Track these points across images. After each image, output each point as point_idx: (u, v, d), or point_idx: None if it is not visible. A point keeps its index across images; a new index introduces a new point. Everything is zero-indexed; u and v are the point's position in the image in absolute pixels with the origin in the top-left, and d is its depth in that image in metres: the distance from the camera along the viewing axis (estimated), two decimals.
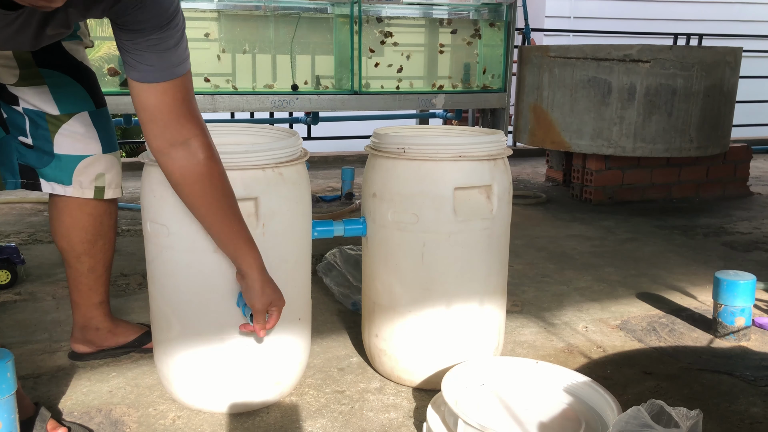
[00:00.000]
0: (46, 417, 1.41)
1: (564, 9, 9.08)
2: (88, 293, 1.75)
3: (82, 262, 1.71)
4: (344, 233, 1.72)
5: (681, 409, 1.24)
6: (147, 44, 1.22)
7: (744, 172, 4.31)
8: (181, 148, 1.30)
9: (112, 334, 1.81)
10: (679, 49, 3.83)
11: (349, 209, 3.61)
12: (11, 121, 1.60)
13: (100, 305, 1.78)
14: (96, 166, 1.65)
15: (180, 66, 1.26)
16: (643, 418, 1.20)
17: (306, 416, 1.58)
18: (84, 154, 1.63)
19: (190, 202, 1.36)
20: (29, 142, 1.61)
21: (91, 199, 1.66)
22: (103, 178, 1.66)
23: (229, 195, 1.36)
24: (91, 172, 1.64)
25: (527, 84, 4.01)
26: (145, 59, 1.23)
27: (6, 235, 3.04)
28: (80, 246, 1.69)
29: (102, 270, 1.74)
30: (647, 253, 2.96)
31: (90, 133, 1.63)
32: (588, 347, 1.98)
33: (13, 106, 1.58)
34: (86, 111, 1.63)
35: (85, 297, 1.75)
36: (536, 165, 5.33)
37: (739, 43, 4.53)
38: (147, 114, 1.28)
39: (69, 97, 1.60)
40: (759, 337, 2.05)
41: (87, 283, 1.74)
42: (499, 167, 1.64)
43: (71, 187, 1.63)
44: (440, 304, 1.64)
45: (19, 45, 1.28)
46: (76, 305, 1.77)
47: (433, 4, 3.93)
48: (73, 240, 1.68)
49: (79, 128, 1.62)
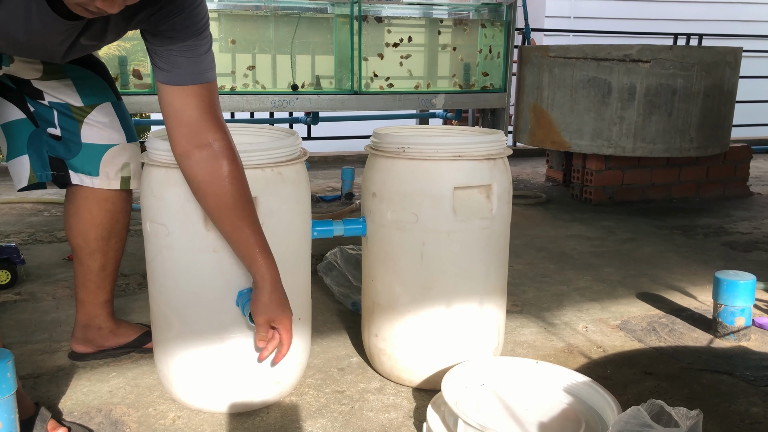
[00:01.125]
0: (47, 417, 1.41)
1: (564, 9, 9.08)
2: (95, 291, 1.76)
3: (94, 260, 1.72)
4: (344, 233, 1.72)
5: (681, 409, 1.24)
6: (179, 50, 1.27)
7: (744, 172, 4.31)
8: (204, 151, 1.33)
9: (114, 335, 1.82)
10: (679, 49, 3.83)
11: (349, 209, 3.61)
12: (39, 114, 1.63)
13: (105, 304, 1.79)
14: (122, 155, 1.68)
15: (209, 72, 1.31)
16: (643, 417, 1.20)
17: (306, 416, 1.57)
18: (110, 143, 1.66)
19: (209, 206, 1.36)
20: (58, 134, 1.64)
21: (111, 195, 1.68)
22: (128, 168, 1.69)
23: (247, 202, 1.36)
24: (117, 162, 1.67)
25: (527, 84, 4.01)
26: (177, 63, 1.28)
27: (6, 235, 3.04)
28: (95, 243, 1.71)
29: (112, 268, 1.76)
30: (647, 253, 2.96)
31: (114, 123, 1.67)
32: (588, 347, 1.98)
33: (39, 101, 1.61)
34: (109, 102, 1.66)
35: (91, 295, 1.76)
36: (536, 165, 5.33)
37: (739, 43, 4.53)
38: (173, 117, 1.32)
39: (91, 89, 1.63)
40: (759, 337, 2.05)
41: (95, 281, 1.75)
42: (498, 167, 1.64)
43: (98, 178, 1.66)
44: (440, 303, 1.64)
45: (50, 56, 1.33)
46: (81, 303, 1.78)
47: (433, 4, 3.93)
48: (89, 236, 1.70)
49: (103, 118, 1.65)
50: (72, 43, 1.29)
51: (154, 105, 3.25)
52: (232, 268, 1.45)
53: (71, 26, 1.21)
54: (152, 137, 1.50)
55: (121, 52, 3.40)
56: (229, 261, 1.45)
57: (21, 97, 1.61)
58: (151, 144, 1.48)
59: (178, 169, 1.42)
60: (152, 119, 5.60)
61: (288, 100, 3.45)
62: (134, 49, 3.44)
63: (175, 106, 1.32)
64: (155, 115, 5.13)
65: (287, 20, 3.50)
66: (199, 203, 1.38)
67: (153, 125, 5.73)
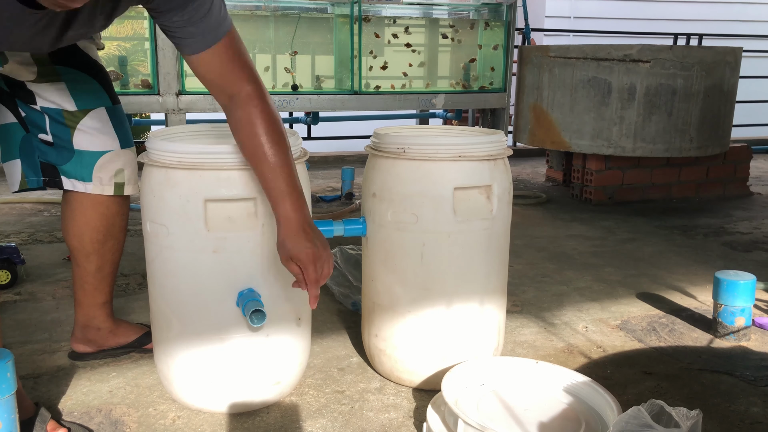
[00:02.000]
0: (47, 418, 1.41)
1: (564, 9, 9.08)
2: (92, 292, 1.76)
3: (90, 261, 1.72)
4: (344, 233, 1.72)
5: (681, 409, 1.24)
6: (182, 19, 1.28)
7: (744, 172, 4.31)
8: (233, 101, 1.37)
9: (113, 335, 1.82)
10: (679, 49, 3.83)
11: (349, 209, 3.61)
12: (30, 119, 1.62)
13: (104, 305, 1.79)
14: (115, 162, 1.66)
15: (219, 28, 1.31)
16: (644, 418, 1.20)
17: (306, 416, 1.58)
18: (103, 150, 1.64)
19: (243, 152, 1.39)
20: (49, 140, 1.62)
21: (105, 199, 1.67)
22: (123, 174, 1.68)
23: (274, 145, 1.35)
24: (110, 168, 1.65)
25: (527, 84, 4.01)
26: (187, 33, 1.30)
27: (6, 235, 3.04)
28: (90, 245, 1.70)
29: (109, 270, 1.75)
30: (647, 253, 2.96)
31: (107, 129, 1.65)
32: (588, 347, 1.98)
33: (31, 105, 1.60)
34: (103, 107, 1.65)
35: (89, 296, 1.76)
36: (536, 165, 5.32)
37: (739, 43, 4.53)
38: (205, 80, 1.37)
39: (86, 93, 1.62)
40: (759, 337, 2.05)
41: (93, 283, 1.74)
42: (499, 167, 1.64)
43: (91, 183, 1.65)
44: (440, 304, 1.64)
45: (39, 47, 1.31)
46: (79, 304, 1.77)
47: (433, 4, 3.93)
48: (84, 239, 1.69)
49: (96, 124, 1.63)
50: (57, 36, 1.28)
51: (154, 105, 3.25)
52: (232, 268, 1.46)
53: (43, 15, 1.19)
54: (152, 137, 1.50)
55: (122, 52, 3.40)
56: (229, 261, 1.45)
57: (13, 100, 1.59)
58: (151, 144, 1.48)
59: (178, 169, 1.42)
60: (152, 119, 5.60)
61: (288, 100, 3.46)
62: (134, 49, 3.44)
63: (201, 70, 1.35)
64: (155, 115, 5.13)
65: (287, 20, 3.50)
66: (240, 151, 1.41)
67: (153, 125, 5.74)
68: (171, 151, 1.43)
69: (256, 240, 1.47)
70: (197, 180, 1.42)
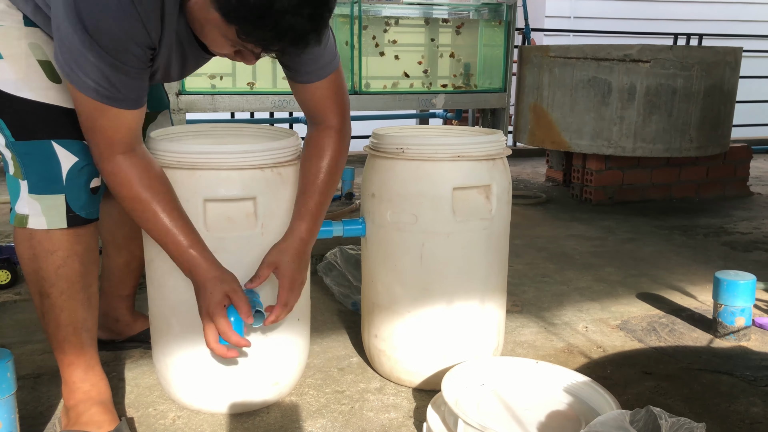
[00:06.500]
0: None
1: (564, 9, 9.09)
2: (117, 284, 1.82)
3: (121, 255, 1.78)
4: (343, 233, 1.72)
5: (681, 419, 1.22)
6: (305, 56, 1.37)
7: (744, 172, 4.31)
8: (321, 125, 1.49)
9: (129, 328, 1.87)
10: (679, 49, 3.83)
11: (348, 209, 3.61)
12: None
13: (126, 298, 1.85)
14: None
15: (330, 64, 1.42)
16: (623, 422, 1.19)
17: (306, 416, 1.58)
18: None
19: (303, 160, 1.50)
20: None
21: None
22: None
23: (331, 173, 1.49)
24: None
25: (527, 84, 4.01)
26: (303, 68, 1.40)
27: (6, 235, 3.04)
28: (123, 240, 1.76)
29: (136, 265, 1.81)
30: (647, 253, 2.96)
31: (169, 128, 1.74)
32: (588, 347, 1.98)
33: None
34: (167, 109, 1.75)
35: (114, 287, 1.82)
36: (536, 165, 5.32)
37: (739, 43, 4.53)
38: (301, 102, 1.48)
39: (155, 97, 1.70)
40: (759, 337, 2.05)
41: (119, 275, 1.81)
42: (498, 167, 1.64)
43: None
44: (440, 304, 1.64)
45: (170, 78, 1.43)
46: (102, 292, 1.81)
47: (433, 4, 3.93)
48: (117, 234, 1.75)
49: (165, 123, 1.75)
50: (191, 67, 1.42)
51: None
52: (231, 268, 1.45)
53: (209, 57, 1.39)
54: (152, 138, 1.50)
55: None
56: (229, 261, 1.45)
57: None
58: (151, 144, 1.48)
59: (178, 169, 1.42)
60: None
61: (288, 100, 3.45)
62: None
63: (301, 96, 1.47)
64: None
65: None
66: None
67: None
68: (171, 151, 1.43)
69: (255, 240, 1.47)
70: (196, 180, 1.42)
